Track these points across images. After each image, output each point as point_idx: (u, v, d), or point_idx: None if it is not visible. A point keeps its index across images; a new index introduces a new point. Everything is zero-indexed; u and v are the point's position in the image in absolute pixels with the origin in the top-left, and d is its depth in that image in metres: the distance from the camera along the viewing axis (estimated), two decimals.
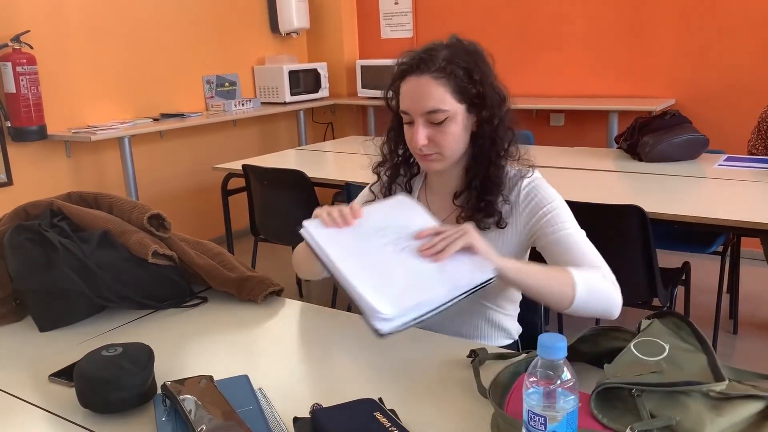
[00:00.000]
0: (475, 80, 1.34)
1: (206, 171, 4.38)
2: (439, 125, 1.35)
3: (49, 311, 1.44)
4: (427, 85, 1.33)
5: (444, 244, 1.18)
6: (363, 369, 1.24)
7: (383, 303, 1.08)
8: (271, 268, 3.83)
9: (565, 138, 4.51)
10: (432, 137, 1.36)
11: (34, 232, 1.46)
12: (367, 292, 1.10)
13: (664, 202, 2.40)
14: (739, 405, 0.88)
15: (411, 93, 1.35)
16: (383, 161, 1.53)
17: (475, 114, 1.37)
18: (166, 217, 1.58)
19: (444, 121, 1.34)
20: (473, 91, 1.34)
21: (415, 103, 1.35)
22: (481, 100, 1.35)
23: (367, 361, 1.26)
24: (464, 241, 1.18)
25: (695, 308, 2.83)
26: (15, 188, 3.69)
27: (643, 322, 1.08)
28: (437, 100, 1.33)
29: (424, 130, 1.35)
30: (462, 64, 1.33)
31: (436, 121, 1.34)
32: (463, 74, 1.33)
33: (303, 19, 5.11)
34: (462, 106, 1.35)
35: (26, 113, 3.53)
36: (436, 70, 1.32)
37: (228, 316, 1.49)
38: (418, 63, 1.34)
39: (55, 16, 3.80)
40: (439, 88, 1.32)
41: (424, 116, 1.35)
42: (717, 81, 4.05)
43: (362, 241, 1.24)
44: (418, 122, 1.35)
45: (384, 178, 1.54)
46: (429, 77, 1.33)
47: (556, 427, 0.80)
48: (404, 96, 1.37)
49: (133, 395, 1.08)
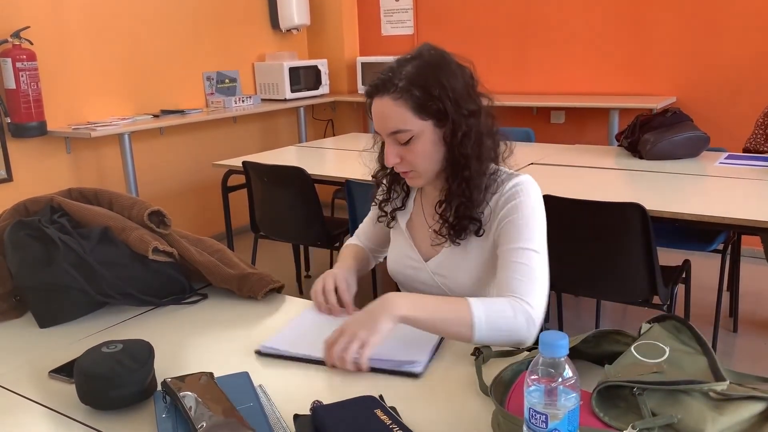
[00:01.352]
0: (434, 96, 1.32)
1: (206, 168, 4.39)
2: (406, 144, 1.36)
3: (49, 308, 1.44)
4: (388, 106, 1.34)
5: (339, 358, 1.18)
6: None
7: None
8: (272, 264, 3.82)
9: (566, 135, 4.51)
10: (403, 156, 1.38)
11: (34, 228, 1.46)
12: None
13: (665, 200, 2.40)
14: (741, 405, 0.88)
15: (376, 115, 1.37)
16: (381, 168, 1.55)
17: (443, 128, 1.36)
18: (166, 213, 1.58)
19: (410, 140, 1.35)
20: (434, 107, 1.33)
21: (379, 124, 1.37)
22: (444, 114, 1.34)
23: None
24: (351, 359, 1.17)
25: (695, 306, 2.83)
26: (15, 184, 3.69)
27: (644, 326, 1.08)
28: (398, 120, 1.34)
29: (394, 149, 1.37)
30: (420, 81, 1.32)
31: (403, 141, 1.36)
32: (420, 92, 1.32)
33: (303, 16, 5.10)
34: (428, 122, 1.34)
35: (26, 109, 3.53)
36: (394, 91, 1.32)
37: (228, 313, 1.49)
38: (378, 85, 1.35)
39: (56, 12, 3.79)
40: (399, 109, 1.33)
41: (390, 137, 1.37)
42: (718, 79, 4.05)
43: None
44: (387, 142, 1.38)
45: (383, 184, 1.57)
46: (388, 98, 1.33)
47: (557, 425, 0.80)
48: (373, 117, 1.39)
49: (133, 392, 1.07)
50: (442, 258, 1.47)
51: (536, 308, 1.27)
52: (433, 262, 1.48)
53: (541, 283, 1.31)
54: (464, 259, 1.44)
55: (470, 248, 1.43)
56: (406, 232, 1.53)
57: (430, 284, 1.49)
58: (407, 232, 1.53)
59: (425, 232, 1.50)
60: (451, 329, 1.23)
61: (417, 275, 1.51)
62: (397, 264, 1.55)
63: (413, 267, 1.51)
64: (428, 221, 1.51)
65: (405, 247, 1.54)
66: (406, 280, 1.54)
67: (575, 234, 2.35)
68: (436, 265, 1.47)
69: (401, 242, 1.55)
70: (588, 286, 2.54)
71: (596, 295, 2.81)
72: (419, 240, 1.52)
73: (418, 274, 1.51)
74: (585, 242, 2.38)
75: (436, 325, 1.23)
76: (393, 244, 1.59)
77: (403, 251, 1.54)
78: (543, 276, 1.32)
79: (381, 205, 1.58)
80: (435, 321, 1.23)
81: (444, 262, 1.46)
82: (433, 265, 1.48)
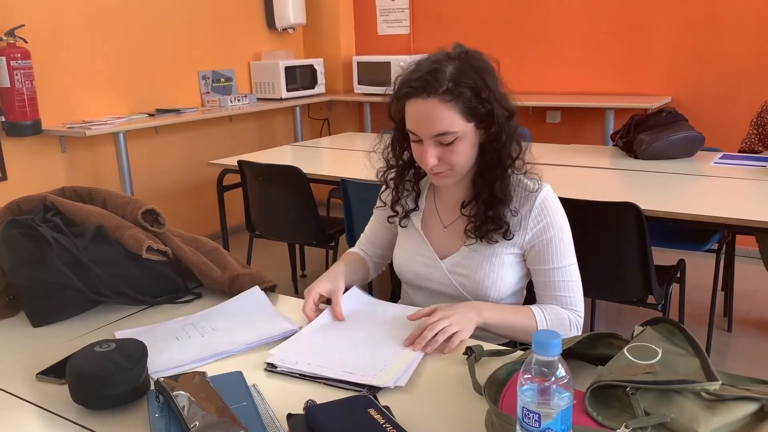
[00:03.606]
0: (483, 98, 1.32)
1: (202, 167, 4.38)
2: (448, 145, 1.34)
3: (43, 307, 1.43)
4: (435, 108, 1.31)
5: (431, 336, 1.25)
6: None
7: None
8: (267, 263, 3.81)
9: (562, 135, 4.51)
10: (442, 156, 1.36)
11: (27, 227, 1.45)
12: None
13: (660, 199, 2.41)
14: (733, 406, 0.88)
15: (418, 116, 1.33)
16: (388, 168, 1.53)
17: (483, 129, 1.37)
18: (160, 212, 1.57)
19: (453, 141, 1.34)
20: (482, 110, 1.33)
21: (423, 125, 1.33)
22: (490, 117, 1.35)
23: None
24: (444, 336, 1.25)
25: (690, 306, 2.84)
26: (9, 183, 3.68)
27: (636, 329, 1.09)
28: (446, 123, 1.32)
29: (434, 150, 1.35)
30: (469, 83, 1.31)
31: (446, 142, 1.34)
32: (471, 94, 1.31)
33: (299, 15, 5.10)
34: (471, 125, 1.34)
35: (21, 108, 3.51)
36: (443, 93, 1.30)
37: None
38: (424, 86, 1.31)
39: (50, 10, 3.78)
40: (448, 111, 1.31)
41: (433, 138, 1.34)
42: (713, 79, 4.05)
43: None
44: (427, 144, 1.34)
45: (391, 185, 1.55)
46: (436, 100, 1.30)
47: (551, 424, 0.80)
48: (411, 118, 1.35)
49: (126, 391, 1.07)
50: (459, 257, 1.47)
51: (582, 314, 1.45)
52: (449, 261, 1.49)
53: (581, 288, 1.47)
54: (485, 260, 1.45)
55: (494, 249, 1.44)
56: (421, 231, 1.53)
57: (444, 282, 1.50)
58: (421, 231, 1.53)
59: (440, 231, 1.51)
60: (518, 337, 1.41)
61: (430, 273, 1.51)
62: (409, 262, 1.54)
63: (426, 265, 1.51)
64: (443, 221, 1.51)
65: (418, 246, 1.53)
66: (417, 278, 1.54)
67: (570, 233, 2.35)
68: (453, 264, 1.48)
69: (413, 241, 1.54)
70: (583, 286, 2.53)
71: (591, 294, 2.80)
72: (433, 239, 1.52)
73: (432, 272, 1.51)
74: (580, 242, 2.36)
75: (505, 332, 1.39)
76: (402, 244, 1.58)
77: (416, 250, 1.53)
78: (580, 281, 1.47)
79: (392, 205, 1.56)
80: (505, 328, 1.38)
81: (462, 261, 1.47)
82: (449, 263, 1.49)
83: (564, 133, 4.53)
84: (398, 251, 1.58)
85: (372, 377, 1.13)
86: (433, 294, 1.53)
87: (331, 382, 1.14)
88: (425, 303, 1.55)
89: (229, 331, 1.34)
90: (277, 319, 1.39)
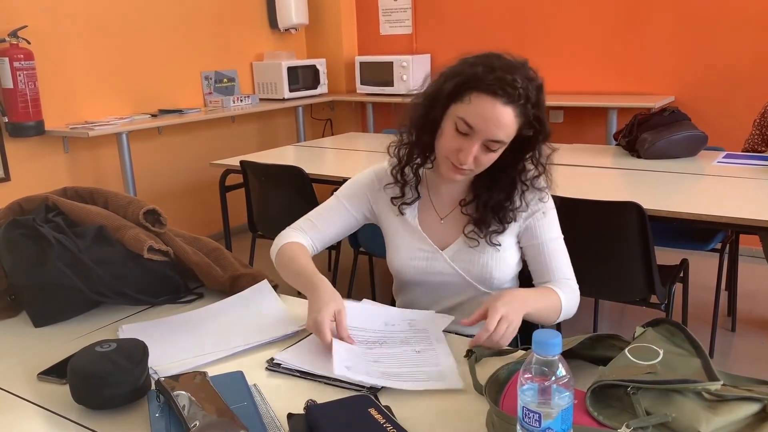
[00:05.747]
0: (540, 119, 1.34)
1: (204, 167, 4.38)
2: (490, 150, 1.35)
3: (44, 307, 1.43)
4: (507, 116, 1.31)
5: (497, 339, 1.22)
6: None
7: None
8: (269, 264, 3.81)
9: (564, 135, 4.50)
10: (478, 156, 1.36)
11: (29, 227, 1.45)
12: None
13: (663, 199, 2.40)
14: (735, 406, 0.88)
15: (486, 115, 1.31)
16: (404, 142, 1.48)
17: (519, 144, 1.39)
18: (161, 212, 1.57)
19: (497, 149, 1.36)
20: (535, 129, 1.36)
21: (486, 126, 1.31)
22: (535, 139, 1.38)
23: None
24: (514, 334, 1.24)
25: (693, 306, 2.83)
26: (12, 184, 3.68)
27: (637, 330, 1.09)
28: (508, 133, 1.33)
29: (476, 151, 1.35)
30: (535, 101, 1.32)
31: (493, 148, 1.35)
32: (534, 113, 1.33)
33: (302, 15, 5.10)
34: (513, 137, 1.36)
35: (23, 109, 3.52)
36: (520, 105, 1.31)
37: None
38: (505, 87, 1.29)
39: (53, 11, 3.78)
40: (514, 125, 1.33)
41: (486, 141, 1.34)
42: (716, 78, 4.04)
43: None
44: (476, 143, 1.33)
45: (401, 160, 1.50)
46: (512, 110, 1.30)
47: (551, 424, 0.80)
48: (476, 113, 1.31)
49: (127, 391, 1.07)
50: (460, 244, 1.49)
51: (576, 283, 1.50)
52: (451, 250, 1.50)
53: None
54: (489, 245, 1.47)
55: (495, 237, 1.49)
56: (417, 225, 1.53)
57: (448, 272, 1.50)
58: (418, 226, 1.53)
59: (436, 224, 1.53)
60: (550, 316, 1.41)
61: (431, 266, 1.51)
62: (407, 259, 1.53)
63: (427, 258, 1.51)
64: (439, 212, 1.53)
65: (415, 241, 1.52)
66: (418, 273, 1.53)
67: (573, 233, 2.32)
68: (455, 252, 1.49)
69: (409, 237, 1.53)
70: (586, 286, 2.50)
71: (594, 294, 2.80)
72: (430, 231, 1.52)
73: (434, 264, 1.51)
74: (582, 241, 2.36)
75: (541, 315, 1.39)
76: (397, 244, 1.55)
77: (413, 245, 1.53)
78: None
79: (393, 201, 1.55)
80: (542, 311, 1.38)
81: (463, 248, 1.49)
82: (450, 252, 1.50)
83: (567, 133, 4.52)
84: (394, 252, 1.56)
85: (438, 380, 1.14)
86: (434, 288, 1.53)
87: (331, 381, 1.14)
88: (425, 300, 1.55)
89: (234, 328, 1.35)
90: (281, 319, 1.39)
